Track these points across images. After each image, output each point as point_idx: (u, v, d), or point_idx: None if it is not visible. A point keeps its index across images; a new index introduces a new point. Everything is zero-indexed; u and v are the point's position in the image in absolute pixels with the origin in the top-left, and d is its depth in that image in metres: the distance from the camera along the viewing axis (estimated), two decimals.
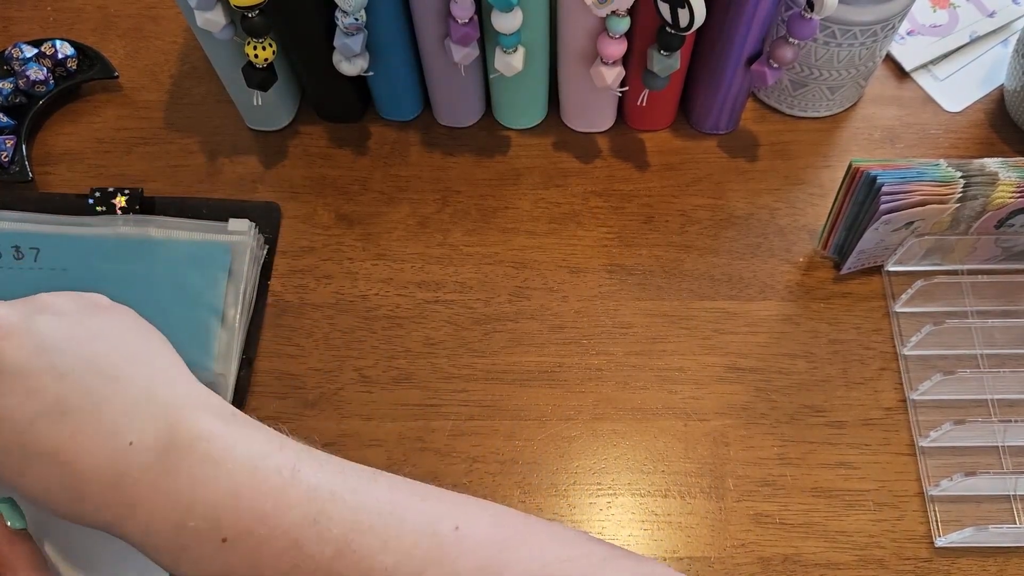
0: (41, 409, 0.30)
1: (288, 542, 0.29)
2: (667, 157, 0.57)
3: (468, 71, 0.51)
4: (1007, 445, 0.47)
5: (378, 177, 0.56)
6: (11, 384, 0.30)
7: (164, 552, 0.30)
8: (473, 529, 0.30)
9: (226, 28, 0.46)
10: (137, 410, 0.31)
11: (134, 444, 0.30)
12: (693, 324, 0.51)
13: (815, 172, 0.56)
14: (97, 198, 0.53)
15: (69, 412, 0.30)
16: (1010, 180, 0.45)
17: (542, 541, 0.31)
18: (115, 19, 0.63)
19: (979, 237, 0.48)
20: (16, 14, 0.63)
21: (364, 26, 0.47)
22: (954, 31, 0.61)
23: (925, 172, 0.46)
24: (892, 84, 0.60)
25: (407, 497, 0.31)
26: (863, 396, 0.48)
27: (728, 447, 0.47)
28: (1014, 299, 0.50)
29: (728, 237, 0.54)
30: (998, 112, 0.58)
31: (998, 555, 0.44)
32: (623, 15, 0.46)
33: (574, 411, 0.49)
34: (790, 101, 0.57)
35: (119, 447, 0.30)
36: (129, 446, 0.30)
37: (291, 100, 0.57)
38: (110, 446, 0.30)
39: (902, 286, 0.50)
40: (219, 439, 0.30)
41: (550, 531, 0.32)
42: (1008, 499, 0.46)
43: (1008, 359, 0.49)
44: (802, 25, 0.47)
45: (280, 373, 0.50)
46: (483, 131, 0.58)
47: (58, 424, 0.30)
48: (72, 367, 0.31)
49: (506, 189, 0.56)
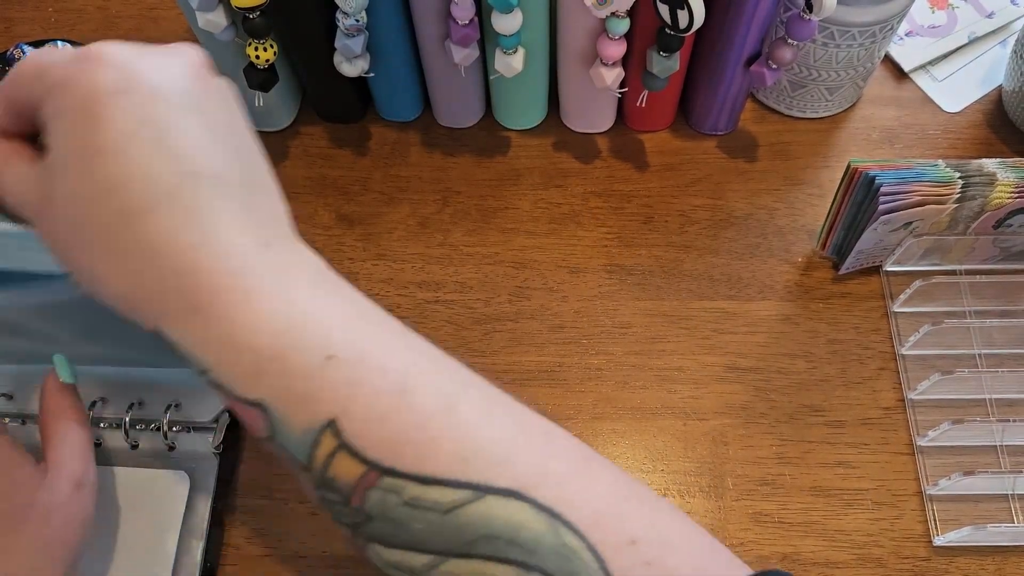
0: (207, 169, 0.27)
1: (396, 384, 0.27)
2: (666, 157, 0.57)
3: (468, 72, 0.51)
4: (1005, 444, 0.47)
5: (378, 177, 0.56)
6: (192, 124, 0.27)
7: (247, 356, 0.27)
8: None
9: (227, 29, 0.46)
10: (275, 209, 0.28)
11: (268, 244, 0.27)
12: (692, 324, 0.51)
13: (814, 172, 0.56)
14: None
15: (220, 183, 0.27)
16: (1008, 180, 0.46)
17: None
18: (116, 20, 0.63)
19: (977, 237, 0.49)
20: (18, 15, 0.63)
21: (365, 27, 0.48)
22: (953, 32, 0.61)
23: (924, 172, 0.46)
24: (891, 85, 0.60)
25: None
26: (862, 396, 0.49)
27: (727, 446, 0.47)
28: (1012, 299, 0.51)
29: (727, 237, 0.54)
30: (996, 113, 0.58)
31: (996, 554, 0.44)
32: (623, 16, 0.46)
33: (574, 411, 0.49)
34: (789, 102, 0.57)
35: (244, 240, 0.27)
36: (265, 246, 0.27)
37: (292, 101, 0.58)
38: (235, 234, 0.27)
39: (900, 286, 0.50)
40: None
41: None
42: (1006, 498, 0.46)
43: (1006, 359, 0.49)
44: (801, 26, 0.47)
45: None
46: (483, 131, 0.58)
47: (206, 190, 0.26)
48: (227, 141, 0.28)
49: (506, 189, 0.56)
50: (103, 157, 0.25)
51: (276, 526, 0.46)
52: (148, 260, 0.26)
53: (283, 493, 0.47)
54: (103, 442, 0.47)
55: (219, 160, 0.27)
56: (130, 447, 0.46)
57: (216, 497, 0.45)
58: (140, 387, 0.47)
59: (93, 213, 0.26)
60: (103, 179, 0.26)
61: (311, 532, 0.46)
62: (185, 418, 0.47)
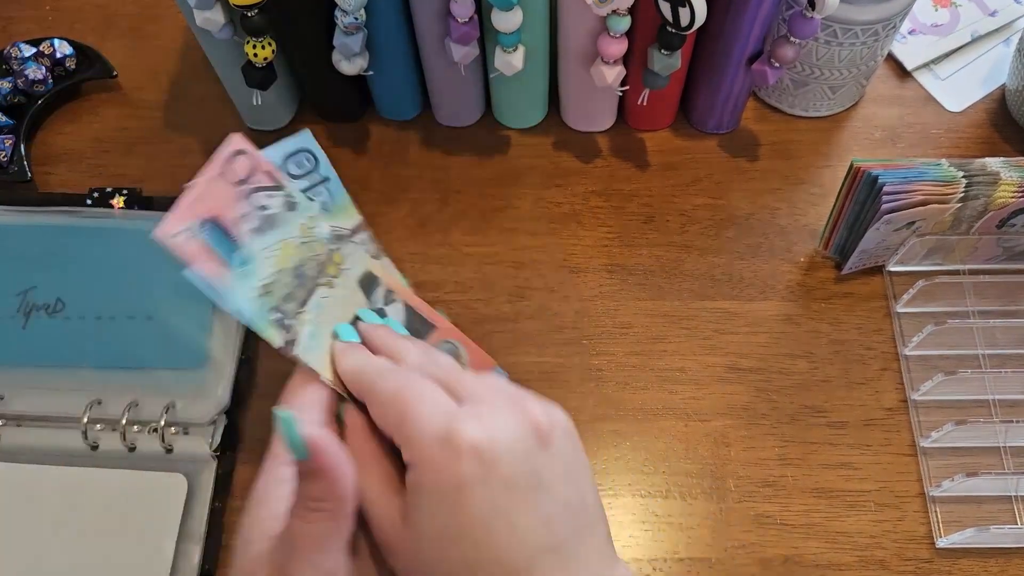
0: (549, 544, 0.29)
1: None
2: (668, 157, 0.57)
3: (468, 70, 0.51)
4: (1008, 446, 0.46)
5: (378, 177, 0.56)
6: (536, 503, 0.29)
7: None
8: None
9: (225, 27, 0.46)
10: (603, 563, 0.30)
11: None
12: (694, 324, 0.51)
13: (816, 172, 0.56)
14: (95, 198, 0.52)
15: (561, 552, 0.29)
16: (1012, 180, 0.45)
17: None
18: (114, 18, 0.63)
19: (981, 237, 0.48)
20: (15, 13, 0.63)
21: (364, 25, 0.47)
22: (955, 30, 0.61)
23: (926, 172, 0.46)
24: (893, 83, 0.59)
25: None
26: (864, 396, 0.48)
27: (729, 448, 0.47)
28: (1016, 299, 0.50)
29: (729, 237, 0.53)
30: (1000, 112, 0.58)
31: (999, 556, 0.44)
32: (624, 14, 0.45)
33: (574, 411, 0.48)
34: (791, 100, 0.57)
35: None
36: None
37: (291, 99, 0.57)
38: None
39: (903, 286, 0.50)
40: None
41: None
42: (1009, 500, 0.46)
43: (1010, 359, 0.49)
44: (803, 24, 0.47)
45: (280, 373, 0.49)
46: (483, 131, 0.58)
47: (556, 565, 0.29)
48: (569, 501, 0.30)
49: (506, 189, 0.55)
50: (461, 543, 0.28)
51: None
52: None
53: None
54: (99, 445, 0.46)
55: (563, 530, 0.29)
56: (127, 450, 0.46)
57: (214, 499, 0.45)
58: (136, 389, 0.47)
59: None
60: (461, 560, 0.28)
61: None
62: (182, 420, 0.46)
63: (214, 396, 0.47)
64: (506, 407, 0.30)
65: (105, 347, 0.48)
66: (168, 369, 0.47)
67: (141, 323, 0.48)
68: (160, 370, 0.47)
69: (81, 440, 0.46)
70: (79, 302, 0.49)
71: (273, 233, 0.36)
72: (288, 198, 0.37)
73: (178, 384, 0.47)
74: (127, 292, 0.49)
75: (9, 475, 0.45)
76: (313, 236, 0.37)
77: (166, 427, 0.46)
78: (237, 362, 0.48)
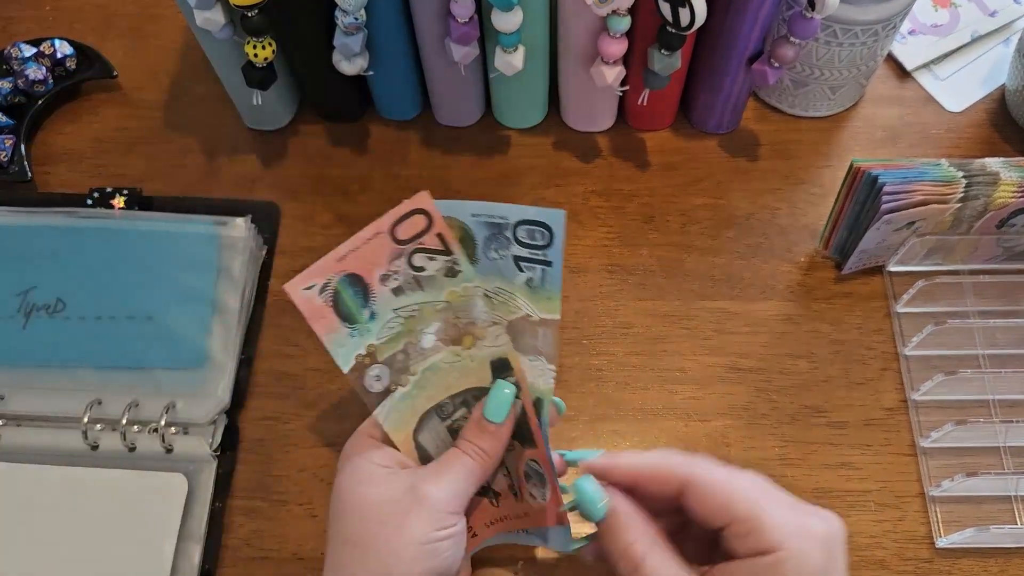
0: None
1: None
2: (668, 157, 0.57)
3: (468, 70, 0.51)
4: (1008, 446, 0.46)
5: (378, 177, 0.56)
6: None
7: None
8: None
9: (225, 27, 0.46)
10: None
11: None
12: (694, 324, 0.51)
13: (816, 172, 0.56)
14: (96, 198, 0.52)
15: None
16: (1011, 180, 0.45)
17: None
18: (114, 18, 0.63)
19: (981, 237, 0.48)
20: (15, 13, 0.63)
21: (364, 25, 0.47)
22: (955, 30, 0.61)
23: (926, 172, 0.46)
24: (893, 83, 0.59)
25: None
26: (864, 396, 0.48)
27: (729, 447, 0.47)
28: (1016, 299, 0.50)
29: (729, 237, 0.53)
30: (999, 112, 0.58)
31: (999, 556, 0.44)
32: (624, 14, 0.45)
33: (575, 411, 0.48)
34: (791, 100, 0.57)
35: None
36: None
37: (291, 99, 0.57)
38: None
39: (903, 286, 0.50)
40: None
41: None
42: (1009, 500, 0.46)
43: (1010, 359, 0.49)
44: (803, 24, 0.47)
45: (280, 373, 0.50)
46: (483, 131, 0.58)
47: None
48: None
49: (506, 189, 0.55)
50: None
51: (274, 528, 0.45)
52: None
53: (281, 495, 0.46)
54: (99, 445, 0.46)
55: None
56: (127, 449, 0.46)
57: (214, 499, 0.45)
58: (136, 389, 0.47)
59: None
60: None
61: (309, 534, 0.45)
62: (182, 420, 0.46)
63: (214, 396, 0.47)
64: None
65: (105, 347, 0.48)
66: (168, 369, 0.47)
67: (141, 323, 0.48)
68: (160, 370, 0.47)
69: (81, 440, 0.46)
70: (79, 302, 0.49)
71: (416, 295, 0.37)
72: (452, 264, 0.36)
73: (178, 384, 0.47)
74: (127, 292, 0.49)
75: (9, 475, 0.45)
76: (462, 305, 0.37)
77: (166, 427, 0.46)
78: (237, 362, 0.48)
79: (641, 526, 0.34)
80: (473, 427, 0.38)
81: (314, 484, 0.46)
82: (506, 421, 0.37)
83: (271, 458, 0.47)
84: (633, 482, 0.35)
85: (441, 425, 0.39)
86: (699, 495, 0.33)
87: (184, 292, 0.49)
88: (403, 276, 0.36)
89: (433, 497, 0.35)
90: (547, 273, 0.37)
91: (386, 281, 0.36)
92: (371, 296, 0.36)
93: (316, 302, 0.36)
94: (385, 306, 0.37)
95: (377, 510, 0.34)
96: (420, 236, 0.36)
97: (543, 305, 0.37)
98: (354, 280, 0.36)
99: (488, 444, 0.37)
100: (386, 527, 0.34)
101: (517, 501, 0.40)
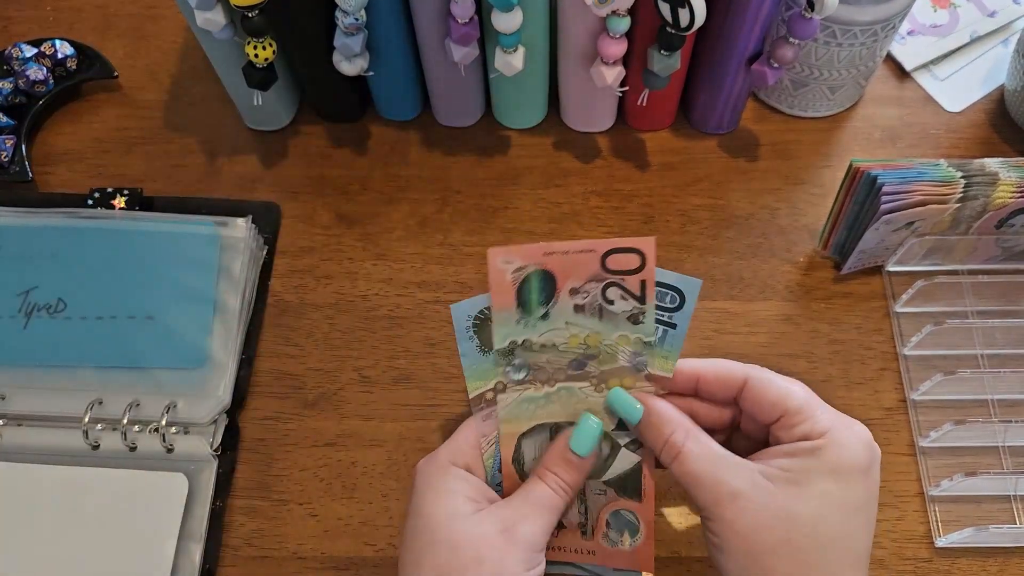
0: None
1: None
2: (667, 157, 0.57)
3: (468, 71, 0.51)
4: (1007, 445, 0.47)
5: (378, 177, 0.56)
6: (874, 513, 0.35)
7: None
8: None
9: (226, 28, 0.46)
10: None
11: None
12: (693, 324, 0.50)
13: (816, 172, 0.56)
14: (96, 198, 0.53)
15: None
16: (1010, 180, 0.45)
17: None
18: (115, 19, 0.63)
19: (980, 237, 0.48)
20: (16, 14, 0.63)
21: (364, 26, 0.47)
22: (955, 31, 0.61)
23: (925, 172, 0.46)
24: (893, 84, 0.59)
25: None
26: (863, 396, 0.48)
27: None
28: (1015, 299, 0.50)
29: (728, 237, 0.54)
30: (998, 112, 0.58)
31: (998, 555, 0.44)
32: (623, 15, 0.45)
33: None
34: (791, 101, 0.57)
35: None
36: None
37: (291, 100, 0.57)
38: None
39: (903, 286, 0.50)
40: None
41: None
42: (1008, 499, 0.46)
43: (1009, 359, 0.49)
44: (803, 25, 0.47)
45: (280, 373, 0.50)
46: (483, 131, 0.58)
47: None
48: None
49: (506, 189, 0.56)
50: (860, 514, 0.34)
51: (275, 528, 0.46)
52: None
53: (282, 494, 0.46)
54: (100, 444, 0.46)
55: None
56: (128, 449, 0.46)
57: (215, 499, 0.45)
58: (137, 388, 0.47)
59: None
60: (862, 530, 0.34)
61: (310, 534, 0.45)
62: (183, 419, 0.47)
63: (215, 396, 0.47)
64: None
65: (106, 347, 0.48)
66: (169, 369, 0.48)
67: (142, 323, 0.48)
68: (161, 370, 0.48)
69: (82, 440, 0.46)
70: (80, 302, 0.49)
71: (591, 321, 0.37)
72: (639, 313, 0.37)
73: (179, 384, 0.47)
74: (128, 292, 0.49)
75: (10, 475, 0.45)
76: (620, 349, 0.38)
77: (167, 427, 0.46)
78: (238, 362, 0.49)
79: (677, 418, 0.37)
80: (557, 457, 0.38)
81: (314, 484, 0.47)
82: (590, 455, 0.38)
83: (271, 458, 0.47)
84: (696, 383, 0.38)
85: (547, 442, 0.39)
86: (757, 390, 0.36)
87: (185, 292, 0.49)
88: (591, 299, 0.37)
89: (528, 538, 0.36)
90: (668, 334, 0.38)
91: (574, 295, 0.37)
92: (554, 299, 0.37)
93: (507, 276, 0.36)
94: (560, 315, 0.37)
95: (473, 547, 0.35)
96: (626, 274, 0.37)
97: (657, 363, 0.38)
98: (547, 278, 0.36)
99: (571, 477, 0.37)
100: (484, 565, 0.34)
101: (584, 539, 0.41)
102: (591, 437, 0.37)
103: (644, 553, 0.40)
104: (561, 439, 0.38)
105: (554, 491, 0.37)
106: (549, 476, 0.37)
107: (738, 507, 0.34)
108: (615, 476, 0.40)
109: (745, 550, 0.33)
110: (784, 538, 0.33)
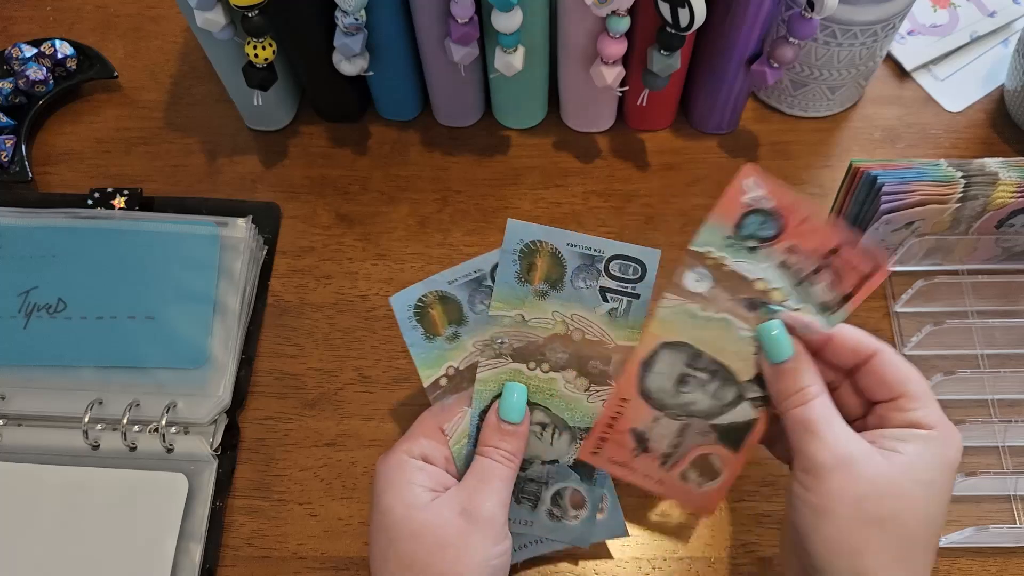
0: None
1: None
2: (667, 157, 0.57)
3: (468, 71, 0.51)
4: (1007, 445, 0.47)
5: (378, 177, 0.56)
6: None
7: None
8: None
9: (226, 28, 0.46)
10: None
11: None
12: None
13: (815, 172, 0.56)
14: (96, 198, 0.53)
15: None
16: (1010, 180, 0.45)
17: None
18: (115, 19, 0.63)
19: (979, 237, 0.48)
20: (16, 14, 0.63)
21: (364, 26, 0.47)
22: (954, 31, 0.61)
23: (925, 172, 0.46)
24: (892, 84, 0.60)
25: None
26: None
27: None
28: (1015, 299, 0.50)
29: None
30: (998, 112, 0.58)
31: (998, 555, 0.44)
32: (623, 15, 0.45)
33: None
34: (790, 101, 0.57)
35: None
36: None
37: (291, 100, 0.57)
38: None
39: (902, 286, 0.50)
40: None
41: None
42: (1008, 499, 0.46)
43: (1008, 359, 0.49)
44: (802, 25, 0.47)
45: (280, 373, 0.50)
46: (483, 131, 0.58)
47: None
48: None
49: (506, 189, 0.56)
50: (936, 502, 0.35)
51: (275, 528, 0.46)
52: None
53: (282, 494, 0.46)
54: (100, 444, 0.46)
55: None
56: (128, 449, 0.46)
57: (215, 499, 0.45)
58: (137, 388, 0.47)
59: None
60: (936, 511, 0.35)
61: (310, 533, 0.45)
62: (183, 419, 0.47)
63: (215, 396, 0.47)
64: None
65: (106, 347, 0.48)
66: (169, 369, 0.48)
67: (142, 323, 0.48)
68: (161, 370, 0.48)
69: (82, 440, 0.46)
70: (80, 302, 0.49)
71: (784, 281, 0.38)
72: (833, 306, 0.39)
73: (179, 384, 0.47)
74: (128, 292, 0.49)
75: (10, 475, 0.45)
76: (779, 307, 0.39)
77: (167, 427, 0.46)
78: (238, 362, 0.49)
79: (817, 373, 0.37)
80: (492, 432, 0.39)
81: (314, 483, 0.47)
82: (523, 420, 0.39)
83: (271, 458, 0.47)
84: (824, 344, 0.38)
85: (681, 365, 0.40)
86: (883, 366, 0.37)
87: (185, 292, 0.49)
88: (798, 267, 0.38)
89: (488, 514, 0.36)
90: (633, 305, 0.39)
91: (788, 254, 0.38)
92: (771, 244, 0.38)
93: (743, 197, 0.38)
94: (767, 259, 0.38)
95: (435, 534, 0.36)
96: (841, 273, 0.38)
97: (622, 334, 0.39)
98: (776, 223, 0.38)
99: (512, 445, 0.39)
100: (447, 550, 0.35)
101: (661, 468, 0.41)
102: (519, 404, 0.39)
103: (711, 498, 0.41)
104: (491, 416, 0.39)
105: (499, 463, 0.38)
106: (491, 451, 0.39)
107: (853, 472, 0.34)
108: (725, 424, 0.40)
109: (850, 516, 0.33)
110: (892, 514, 0.33)
